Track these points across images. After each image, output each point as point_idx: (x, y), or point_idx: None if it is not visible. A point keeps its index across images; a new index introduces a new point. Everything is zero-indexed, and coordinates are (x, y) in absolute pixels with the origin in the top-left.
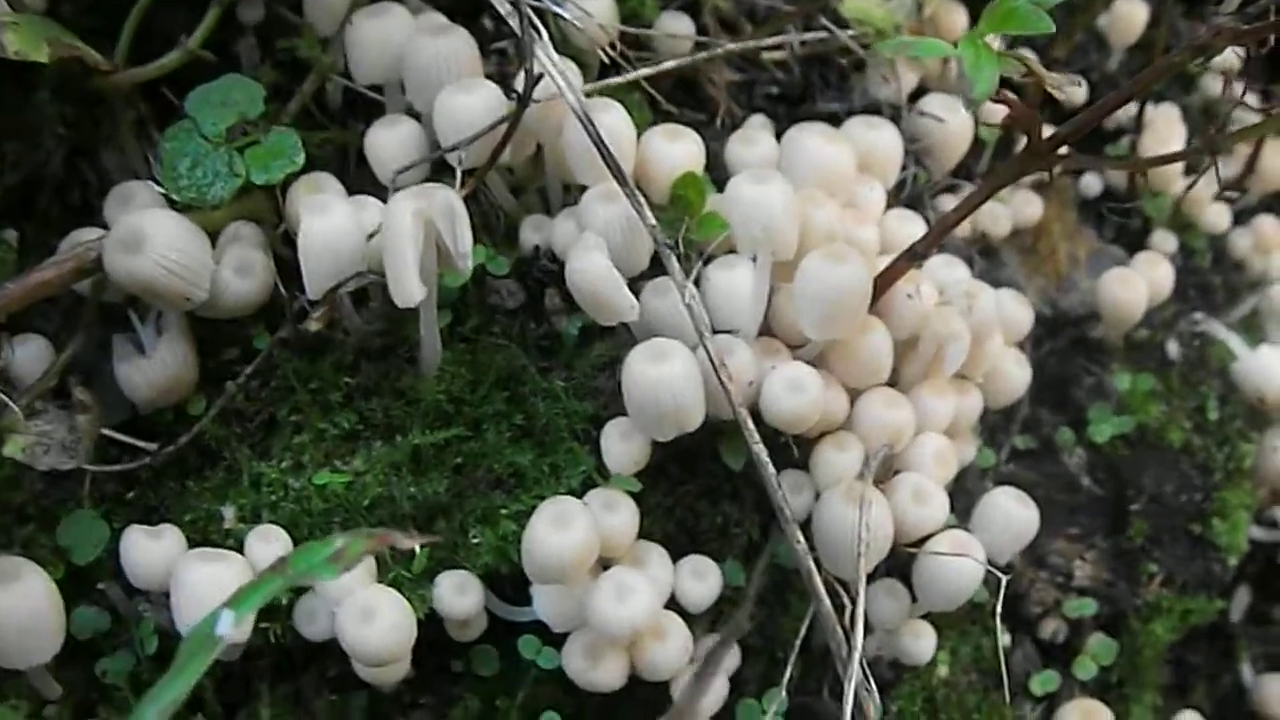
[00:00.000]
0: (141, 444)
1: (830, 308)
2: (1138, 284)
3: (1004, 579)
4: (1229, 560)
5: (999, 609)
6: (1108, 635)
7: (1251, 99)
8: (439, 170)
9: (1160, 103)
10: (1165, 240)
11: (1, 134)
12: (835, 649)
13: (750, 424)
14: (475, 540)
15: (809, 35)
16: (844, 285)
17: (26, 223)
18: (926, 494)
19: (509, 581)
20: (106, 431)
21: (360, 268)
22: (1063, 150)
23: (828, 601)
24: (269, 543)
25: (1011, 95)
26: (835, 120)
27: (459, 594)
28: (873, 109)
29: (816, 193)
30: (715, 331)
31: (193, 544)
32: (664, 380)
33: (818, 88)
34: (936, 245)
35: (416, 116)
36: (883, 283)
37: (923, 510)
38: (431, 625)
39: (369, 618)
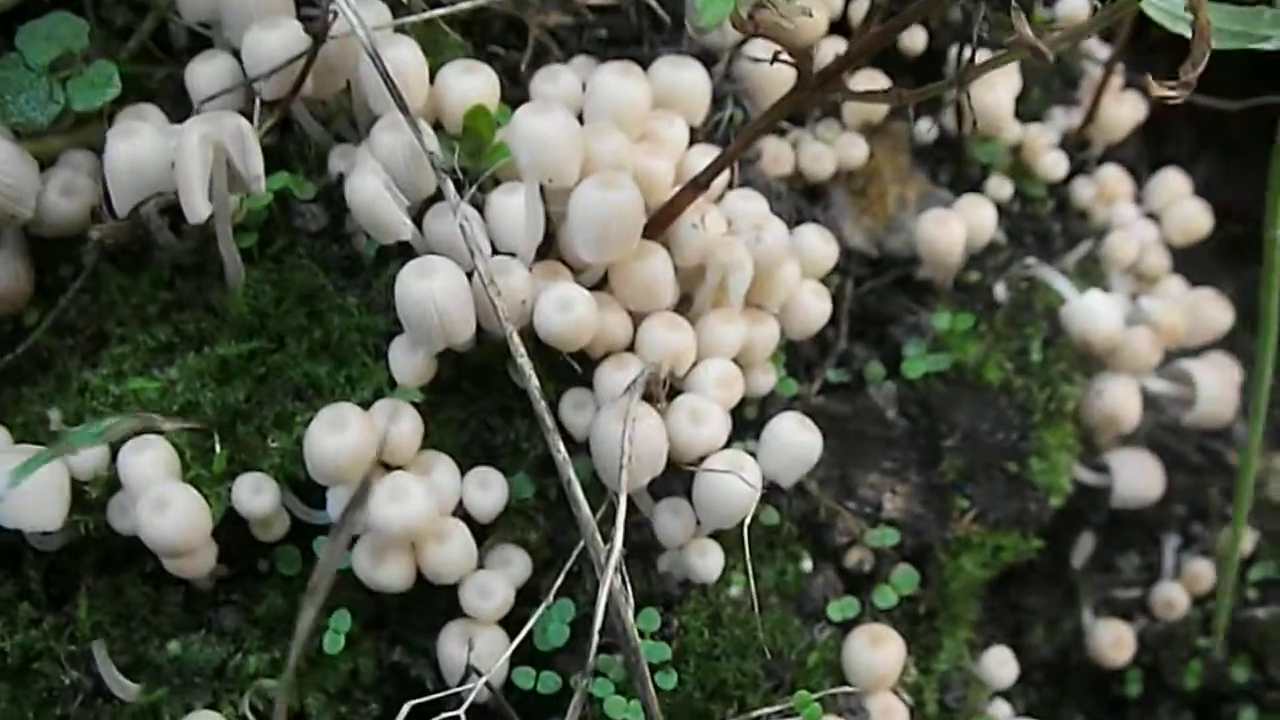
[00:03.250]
0: None
1: (601, 230)
2: (954, 224)
3: (758, 493)
4: (1049, 500)
5: (745, 524)
6: (914, 567)
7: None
8: (252, 103)
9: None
10: (1001, 186)
11: None
12: (594, 556)
13: (516, 339)
14: (273, 444)
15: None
16: (614, 210)
17: None
18: (704, 414)
19: (310, 486)
20: None
21: (165, 188)
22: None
23: (587, 509)
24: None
25: (779, 29)
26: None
27: (255, 494)
28: (706, 53)
29: (604, 124)
30: (496, 253)
31: (21, 443)
32: (430, 294)
33: (648, 32)
34: (717, 175)
35: (235, 54)
36: (670, 212)
37: (699, 430)
38: (240, 527)
39: (162, 508)
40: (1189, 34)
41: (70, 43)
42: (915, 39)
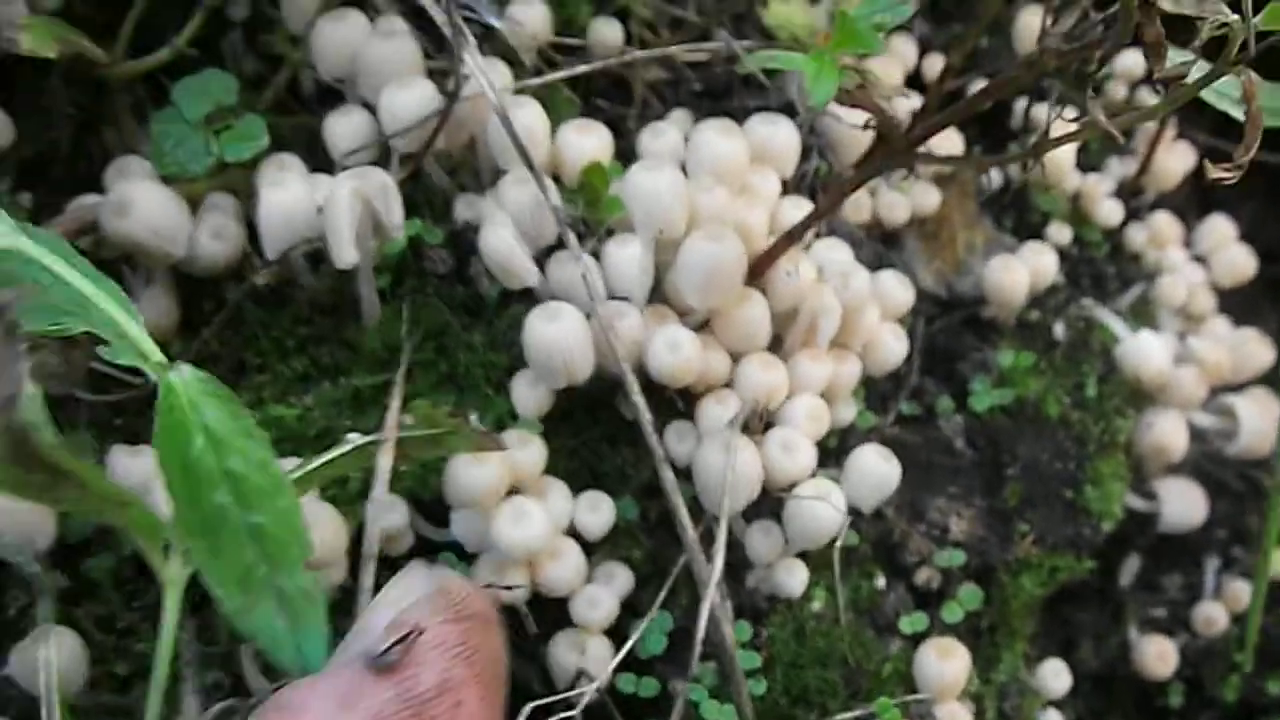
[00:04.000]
0: (129, 378)
1: (707, 279)
2: (1019, 270)
3: (851, 520)
4: (1101, 525)
5: (839, 542)
6: (978, 585)
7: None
8: (387, 155)
9: (1061, 105)
10: (1060, 232)
11: (22, 113)
12: (698, 573)
13: (631, 376)
14: (402, 469)
15: (711, 45)
16: (719, 260)
17: (40, 188)
18: (795, 445)
19: (433, 506)
20: (100, 366)
21: (311, 235)
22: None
23: (692, 531)
24: None
25: (873, 100)
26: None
27: (388, 511)
28: (787, 106)
29: (706, 179)
30: (611, 298)
31: None
32: (556, 337)
33: (738, 86)
34: (812, 229)
35: (368, 107)
36: (765, 261)
37: (791, 459)
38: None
39: (310, 526)
40: (1243, 118)
41: (222, 97)
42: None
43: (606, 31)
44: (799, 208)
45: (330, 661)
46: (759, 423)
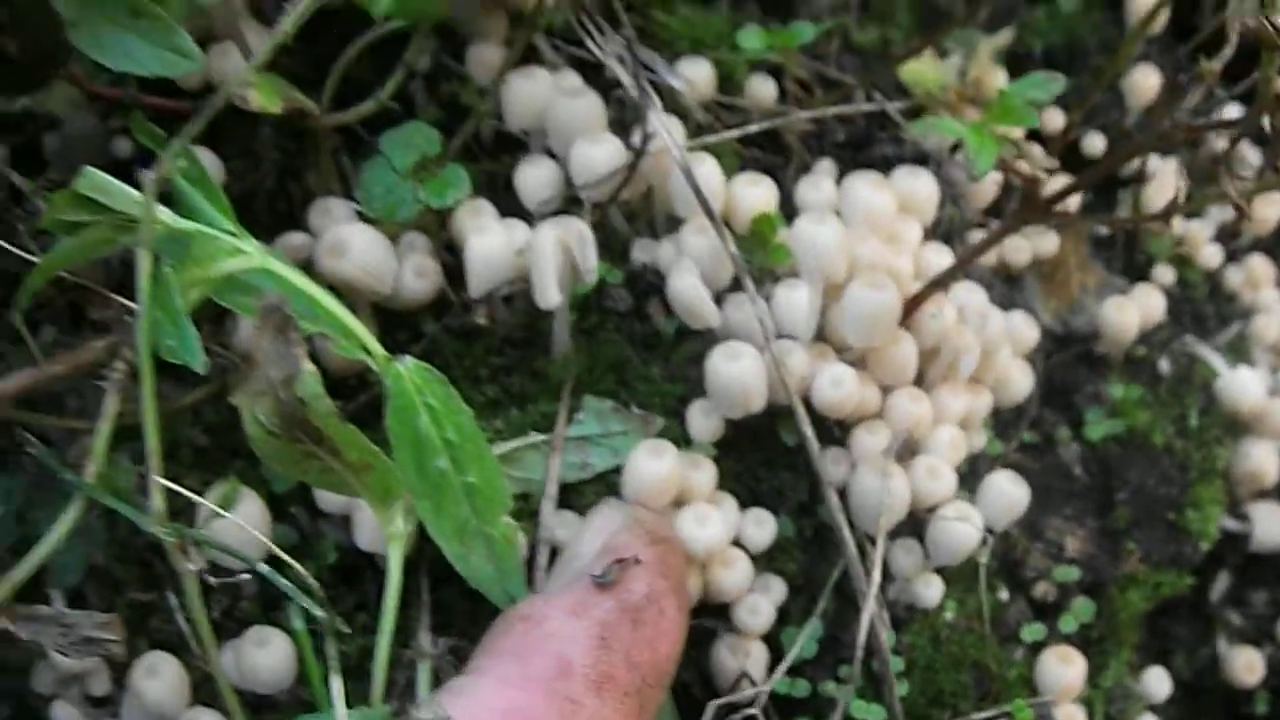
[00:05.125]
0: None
1: (868, 323)
2: (1131, 310)
3: (988, 539)
4: (1200, 545)
5: (984, 561)
6: (1090, 599)
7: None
8: (570, 201)
9: (1165, 156)
10: (1164, 274)
11: (232, 155)
12: (858, 588)
13: (801, 409)
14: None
15: (866, 106)
16: (879, 307)
17: (244, 224)
18: (938, 471)
19: None
20: None
21: (510, 276)
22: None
23: (855, 550)
24: None
25: (1018, 163)
26: (889, 163)
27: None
28: (920, 156)
29: (863, 230)
30: (778, 336)
31: None
32: (737, 374)
33: (877, 137)
34: (957, 276)
35: (552, 155)
36: (913, 304)
37: (934, 484)
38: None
39: None
40: None
41: (426, 148)
42: (1095, 143)
43: (762, 88)
44: (938, 253)
45: (552, 582)
46: (907, 450)
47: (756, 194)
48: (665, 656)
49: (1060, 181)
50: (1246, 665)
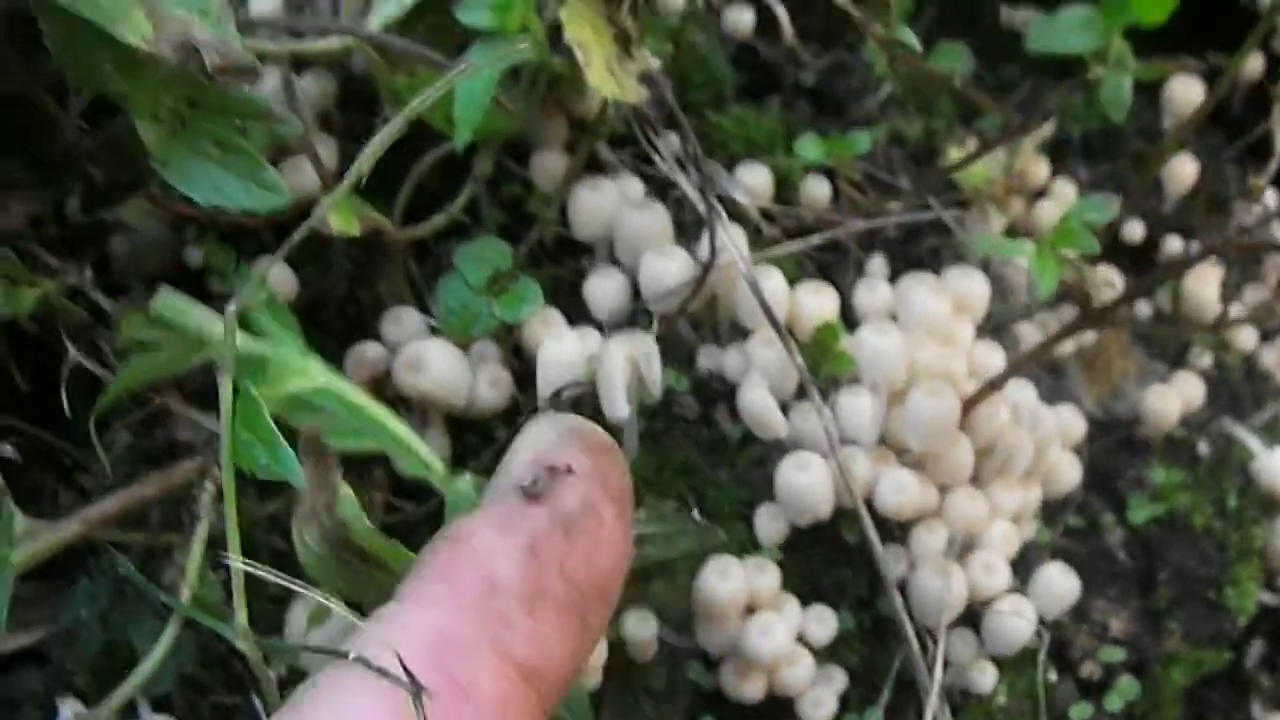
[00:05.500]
0: (398, 503)
1: (929, 430)
2: (1172, 398)
3: (1045, 635)
4: (1238, 620)
5: (1042, 654)
6: (1134, 677)
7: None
8: (639, 312)
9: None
10: (1201, 357)
11: (302, 263)
12: (920, 680)
13: (866, 516)
14: (654, 589)
15: (922, 216)
16: (939, 414)
17: (310, 329)
18: (993, 567)
19: (680, 619)
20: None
21: (580, 380)
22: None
23: (916, 644)
24: None
25: (1084, 290)
26: (938, 256)
27: (640, 625)
28: (967, 249)
29: (922, 336)
30: (842, 442)
31: None
32: (807, 484)
33: (927, 230)
34: (1009, 379)
35: (617, 263)
36: (969, 404)
37: (990, 579)
38: (620, 650)
39: None
40: None
41: (499, 263)
42: (1134, 231)
43: (818, 190)
44: (990, 352)
45: (484, 499)
46: (963, 546)
47: (820, 304)
48: (606, 569)
49: (1110, 277)
50: None
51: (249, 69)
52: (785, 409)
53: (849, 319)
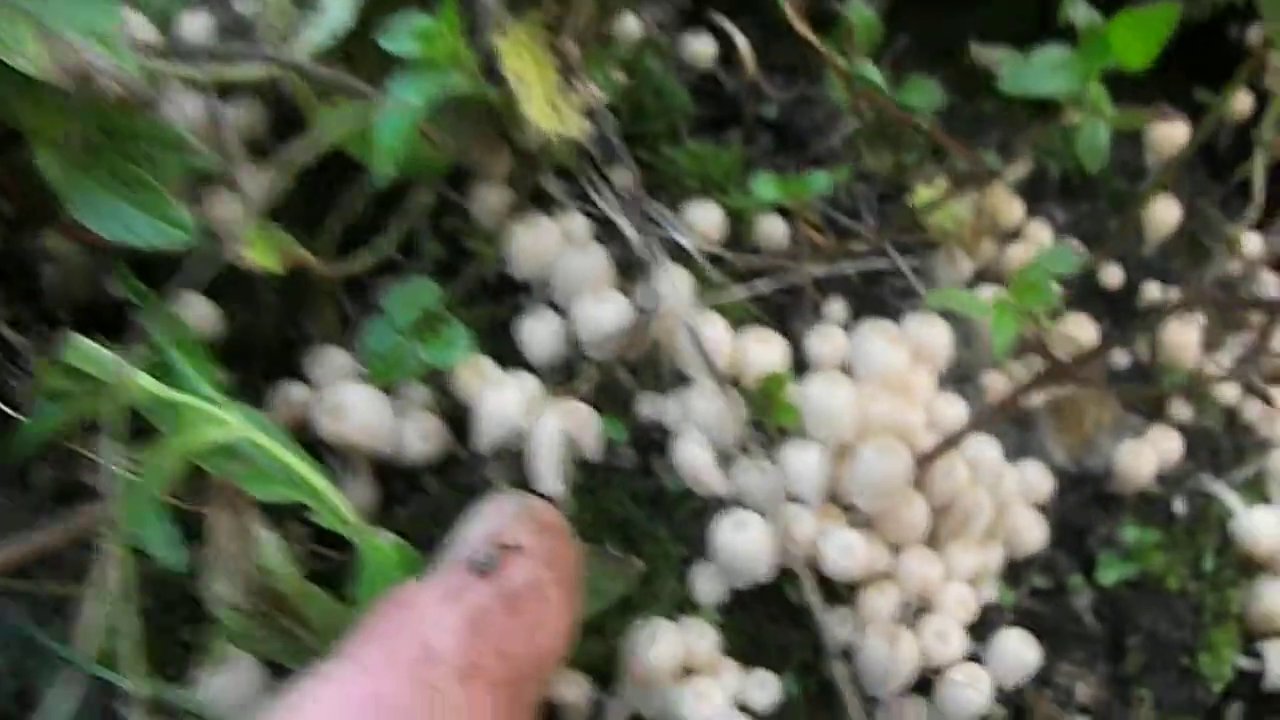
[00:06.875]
0: (324, 550)
1: (878, 489)
2: (1148, 454)
3: (994, 705)
4: (1213, 687)
5: None
6: None
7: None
8: (575, 356)
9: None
10: (1180, 409)
11: (228, 299)
12: None
13: (808, 579)
14: (584, 648)
15: (879, 264)
16: (889, 474)
17: (235, 366)
18: (947, 635)
19: (608, 679)
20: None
21: (519, 430)
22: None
23: (862, 713)
24: None
25: (1046, 348)
26: (901, 297)
27: (569, 686)
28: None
29: (876, 388)
30: (788, 498)
31: None
32: (744, 544)
33: (890, 271)
34: (968, 434)
35: (556, 308)
36: (925, 460)
37: (942, 647)
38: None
39: None
40: None
41: (429, 304)
42: (1112, 275)
43: (773, 229)
44: (950, 403)
45: (434, 567)
46: (916, 609)
47: (766, 353)
48: (545, 649)
49: (1081, 325)
50: None
51: (147, 98)
52: (728, 460)
53: (804, 365)
